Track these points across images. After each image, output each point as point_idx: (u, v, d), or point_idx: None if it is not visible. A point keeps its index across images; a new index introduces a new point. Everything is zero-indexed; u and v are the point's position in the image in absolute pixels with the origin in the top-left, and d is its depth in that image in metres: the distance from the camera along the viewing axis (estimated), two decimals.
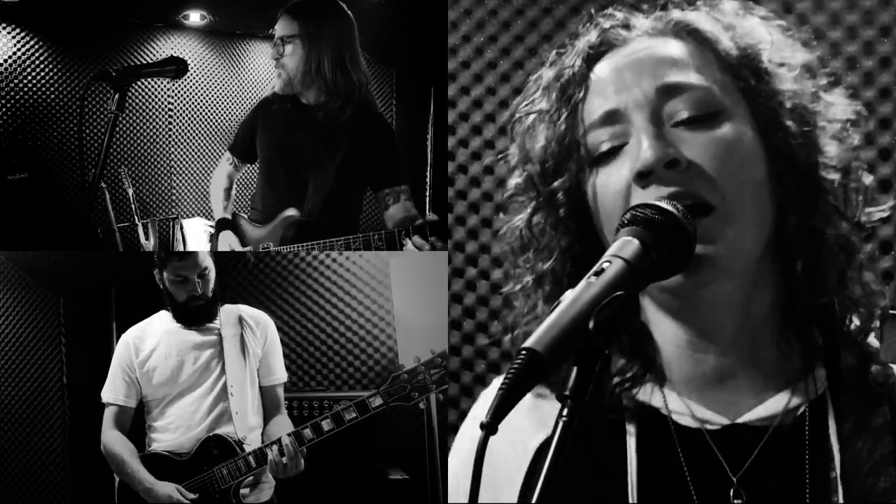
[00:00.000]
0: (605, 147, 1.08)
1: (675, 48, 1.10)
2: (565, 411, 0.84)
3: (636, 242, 0.94)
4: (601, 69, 1.11)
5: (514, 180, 1.19)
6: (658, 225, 0.97)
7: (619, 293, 0.88)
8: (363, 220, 2.89)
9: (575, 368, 0.85)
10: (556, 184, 1.13)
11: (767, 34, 1.12)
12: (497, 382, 1.28)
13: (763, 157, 1.07)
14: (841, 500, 1.03)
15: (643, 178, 1.04)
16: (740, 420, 1.09)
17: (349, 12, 2.65)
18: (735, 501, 1.06)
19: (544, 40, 2.18)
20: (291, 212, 2.60)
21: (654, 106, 1.06)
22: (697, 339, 1.10)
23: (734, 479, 1.07)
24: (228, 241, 2.74)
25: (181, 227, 3.45)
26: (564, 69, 1.14)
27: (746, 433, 1.08)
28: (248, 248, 2.74)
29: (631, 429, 1.12)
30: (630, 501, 1.08)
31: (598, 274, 0.90)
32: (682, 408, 1.11)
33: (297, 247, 2.58)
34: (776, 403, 1.09)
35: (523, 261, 1.19)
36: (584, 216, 1.14)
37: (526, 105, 1.19)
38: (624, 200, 1.06)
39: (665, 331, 1.12)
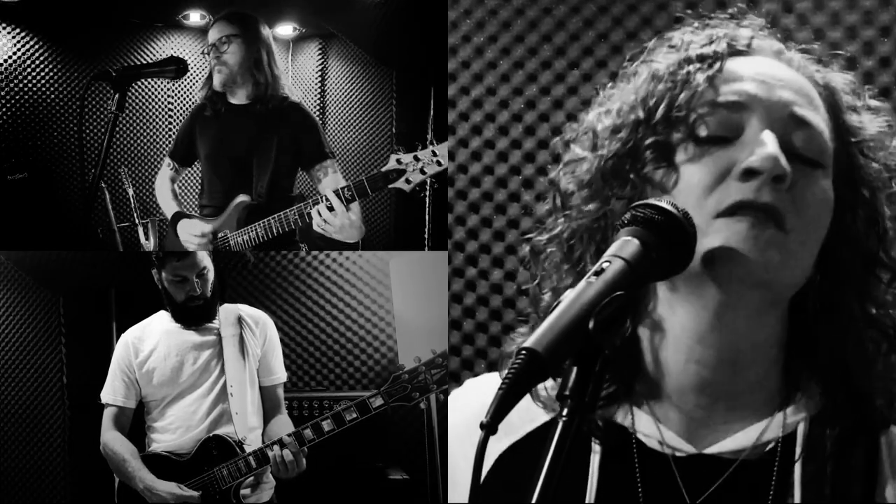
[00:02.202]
0: (712, 130, 1.06)
1: (809, 89, 1.10)
2: (565, 411, 0.84)
3: (636, 242, 0.94)
4: (742, 62, 1.10)
5: (608, 117, 1.15)
6: (658, 225, 0.97)
7: (619, 293, 0.88)
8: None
9: (575, 368, 0.86)
10: (654, 138, 1.09)
11: (881, 130, 1.13)
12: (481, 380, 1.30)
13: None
14: None
15: (750, 175, 1.03)
16: (707, 451, 1.09)
17: (263, 22, 2.97)
18: None
19: (544, 40, 2.18)
20: (243, 197, 2.83)
21: (781, 125, 1.06)
22: (701, 344, 1.08)
23: None
24: (195, 226, 2.90)
25: None
26: (704, 45, 1.12)
27: (712, 464, 1.08)
28: (226, 239, 2.85)
29: (596, 447, 1.12)
30: None
31: (598, 274, 0.90)
32: (651, 430, 1.11)
33: (252, 228, 2.74)
34: (746, 437, 1.09)
35: (586, 196, 1.14)
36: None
37: (651, 56, 1.17)
38: (708, 188, 1.04)
39: (674, 326, 1.10)
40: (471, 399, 1.28)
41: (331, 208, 2.54)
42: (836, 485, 1.05)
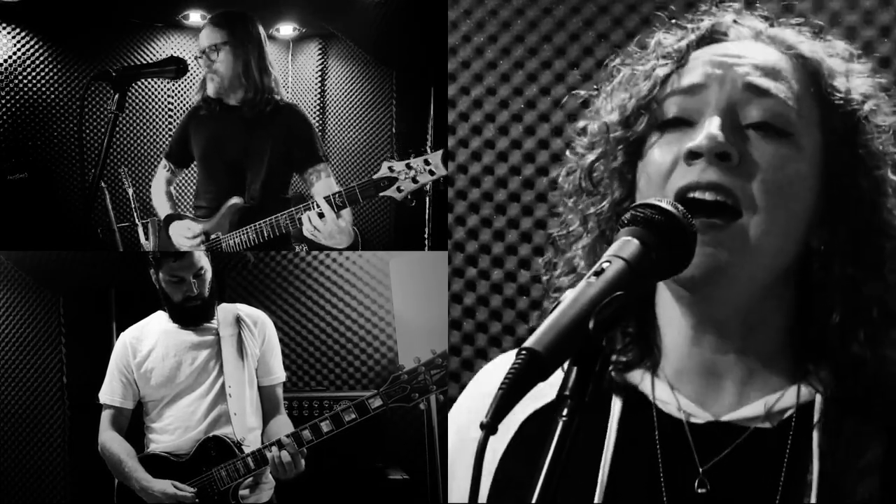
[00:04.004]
0: (672, 114, 1.10)
1: (779, 62, 1.11)
2: (565, 411, 0.84)
3: (636, 242, 0.95)
4: (706, 51, 1.14)
5: (592, 124, 1.22)
6: (658, 225, 0.97)
7: (619, 293, 0.88)
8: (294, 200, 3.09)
9: (575, 368, 0.86)
10: (622, 132, 1.15)
11: (874, 90, 1.14)
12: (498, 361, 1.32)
13: (814, 197, 1.09)
14: (814, 502, 1.04)
15: (692, 157, 1.06)
16: (724, 418, 1.11)
17: (254, 18, 2.94)
18: (699, 491, 1.07)
19: (544, 40, 2.18)
20: (235, 199, 2.84)
21: (734, 99, 1.08)
22: (701, 332, 1.12)
23: (699, 470, 1.08)
24: (187, 227, 2.91)
25: None
26: (674, 42, 1.16)
27: (726, 431, 1.10)
28: (214, 237, 2.88)
29: (616, 409, 1.15)
30: (601, 478, 1.11)
31: (598, 274, 0.91)
32: (669, 397, 1.14)
33: (244, 231, 2.75)
34: (760, 405, 1.10)
35: (574, 203, 1.22)
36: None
37: (628, 60, 1.21)
38: (667, 171, 1.08)
39: (671, 316, 1.15)
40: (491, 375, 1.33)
41: (321, 215, 2.52)
42: (853, 454, 1.05)
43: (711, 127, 1.05)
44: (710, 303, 1.10)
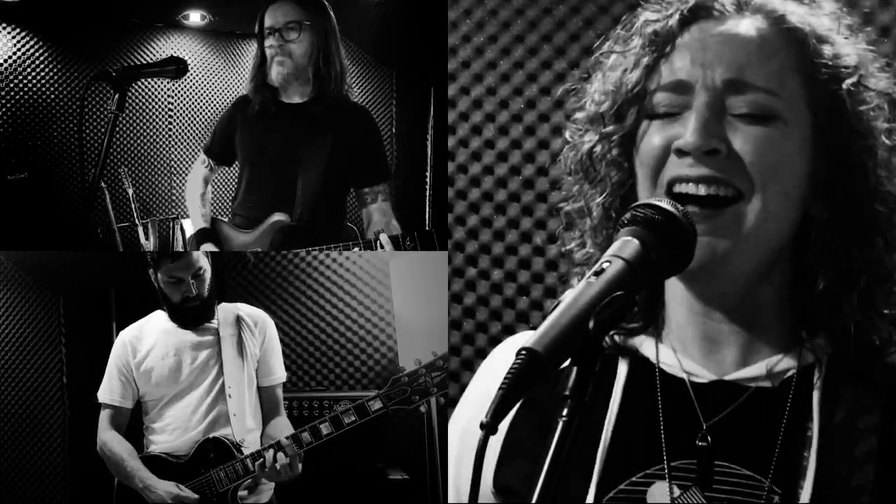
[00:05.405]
0: (662, 110, 1.13)
1: (764, 37, 1.11)
2: (565, 411, 0.84)
3: (636, 242, 0.95)
4: (691, 35, 1.15)
5: (582, 113, 1.25)
6: (658, 225, 0.97)
7: (619, 293, 0.88)
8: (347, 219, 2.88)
9: (575, 368, 0.86)
10: (615, 126, 1.18)
11: (861, 56, 1.14)
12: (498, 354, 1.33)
13: (807, 168, 1.11)
14: (814, 457, 1.07)
15: (681, 154, 1.09)
16: (727, 377, 1.14)
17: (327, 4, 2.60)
18: (699, 444, 1.10)
19: (544, 40, 2.18)
20: (280, 216, 2.53)
21: (718, 93, 1.09)
22: (702, 305, 1.15)
23: (703, 426, 1.12)
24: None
25: (181, 227, 3.44)
26: (659, 22, 1.17)
27: (729, 389, 1.14)
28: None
29: (621, 371, 1.19)
30: (604, 435, 1.14)
31: (598, 274, 0.91)
32: (672, 360, 1.18)
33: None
34: (762, 366, 1.14)
35: (578, 181, 1.25)
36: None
37: (615, 44, 1.24)
38: (660, 160, 1.12)
39: (676, 291, 1.18)
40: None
41: None
42: (852, 415, 1.08)
43: (697, 124, 1.08)
44: (711, 284, 1.13)
